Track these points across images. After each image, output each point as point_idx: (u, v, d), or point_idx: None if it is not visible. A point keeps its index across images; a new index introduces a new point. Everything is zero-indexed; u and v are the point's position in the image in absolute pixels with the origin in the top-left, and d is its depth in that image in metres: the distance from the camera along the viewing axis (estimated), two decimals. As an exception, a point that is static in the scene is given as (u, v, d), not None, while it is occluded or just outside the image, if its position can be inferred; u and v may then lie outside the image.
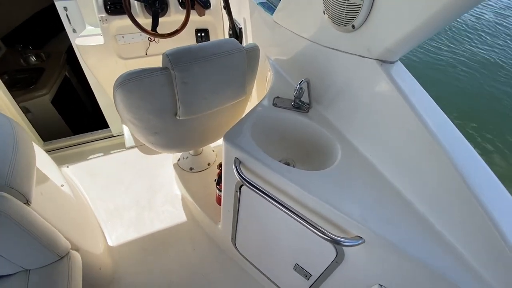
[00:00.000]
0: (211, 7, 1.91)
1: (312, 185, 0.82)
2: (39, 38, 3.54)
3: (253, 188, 0.89)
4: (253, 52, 1.07)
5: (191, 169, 1.81)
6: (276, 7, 1.37)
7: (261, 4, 1.41)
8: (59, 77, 2.97)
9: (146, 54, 1.97)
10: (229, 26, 1.80)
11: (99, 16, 1.70)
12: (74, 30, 1.97)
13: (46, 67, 2.98)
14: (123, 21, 1.76)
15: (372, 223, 0.73)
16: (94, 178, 1.96)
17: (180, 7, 1.85)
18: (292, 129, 1.09)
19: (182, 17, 1.86)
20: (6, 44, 3.14)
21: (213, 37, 2.04)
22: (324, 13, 0.90)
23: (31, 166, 1.03)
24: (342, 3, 0.79)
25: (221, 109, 1.17)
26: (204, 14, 1.90)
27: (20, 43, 3.19)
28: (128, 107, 0.99)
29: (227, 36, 2.00)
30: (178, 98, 0.95)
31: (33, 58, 3.10)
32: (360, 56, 0.84)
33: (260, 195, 0.89)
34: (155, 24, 1.74)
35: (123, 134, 2.56)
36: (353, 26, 0.80)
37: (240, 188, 1.06)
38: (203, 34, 1.99)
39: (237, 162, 0.94)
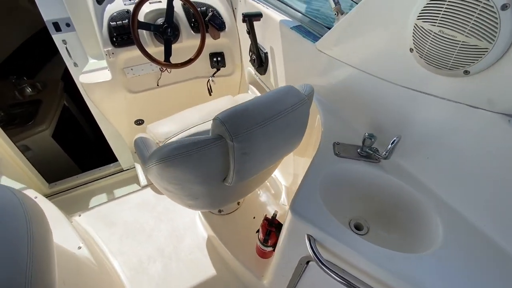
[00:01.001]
0: (226, 29, 1.71)
1: (422, 277, 0.62)
2: (32, 66, 3.29)
3: (334, 275, 0.70)
4: (310, 97, 0.87)
5: (220, 211, 1.60)
6: (316, 33, 1.17)
7: (296, 28, 1.21)
8: (58, 108, 2.73)
9: (157, 85, 1.76)
10: (251, 50, 1.59)
11: (105, 50, 1.47)
12: (75, 64, 1.74)
13: (43, 98, 2.73)
14: (131, 52, 1.55)
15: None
16: (110, 226, 1.74)
17: (192, 31, 1.63)
18: (363, 183, 0.89)
19: (194, 42, 1.65)
20: (-2, 76, 2.90)
21: (229, 61, 1.83)
22: (412, 51, 0.71)
23: (51, 255, 0.82)
24: (453, 45, 0.60)
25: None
26: (219, 37, 1.69)
27: (13, 73, 2.94)
28: (168, 180, 0.78)
29: (246, 60, 1.79)
30: (233, 168, 0.75)
31: (28, 89, 2.84)
32: (471, 106, 0.65)
33: (342, 283, 0.70)
34: (168, 53, 1.52)
35: (134, 167, 2.34)
36: (466, 72, 0.61)
37: (307, 263, 0.86)
38: (219, 59, 1.77)
39: (312, 240, 0.74)
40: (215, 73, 1.82)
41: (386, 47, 0.78)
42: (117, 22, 1.46)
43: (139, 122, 1.96)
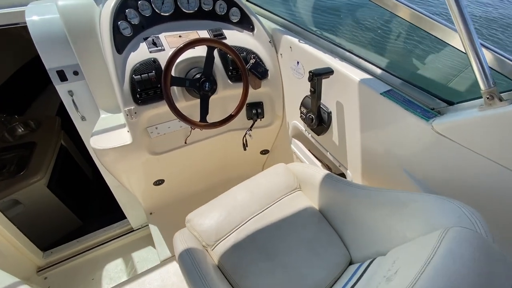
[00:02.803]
0: (268, 77, 1.40)
1: None
2: (23, 99, 2.89)
3: None
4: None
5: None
6: (417, 101, 0.88)
7: (388, 94, 0.91)
8: (55, 151, 2.32)
9: (185, 143, 1.42)
10: (304, 106, 1.29)
11: (127, 109, 1.13)
12: (83, 118, 1.39)
13: (38, 140, 2.31)
14: (157, 109, 1.21)
15: None
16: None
17: (229, 81, 1.32)
18: None
19: (230, 92, 1.33)
20: (-16, 113, 2.48)
21: (268, 111, 1.51)
22: None
23: None
24: None
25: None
26: (260, 87, 1.38)
27: (2, 110, 2.53)
28: None
29: (289, 110, 1.49)
30: None
31: (20, 129, 2.42)
32: None
33: None
34: (205, 111, 1.20)
35: (146, 225, 1.94)
36: None
37: None
38: (259, 111, 1.46)
39: None
40: (252, 125, 1.50)
41: None
42: (142, 75, 1.13)
43: (159, 182, 1.60)
